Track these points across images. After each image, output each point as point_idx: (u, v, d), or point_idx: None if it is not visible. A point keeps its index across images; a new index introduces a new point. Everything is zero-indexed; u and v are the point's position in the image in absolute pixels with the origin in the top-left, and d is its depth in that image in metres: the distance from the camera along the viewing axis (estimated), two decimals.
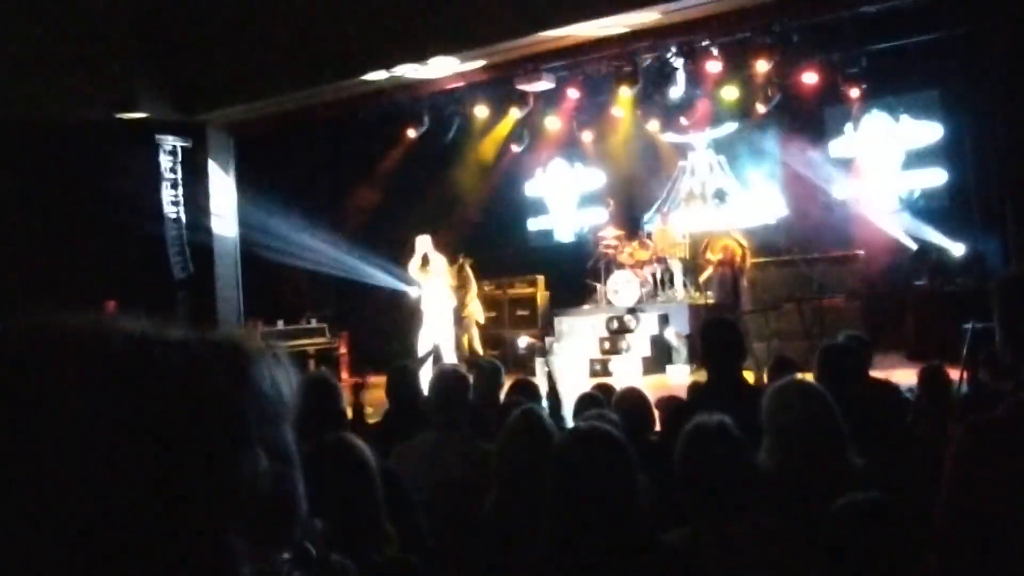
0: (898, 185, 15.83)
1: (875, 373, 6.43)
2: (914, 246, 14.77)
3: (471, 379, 4.87)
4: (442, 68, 12.39)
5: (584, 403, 5.67)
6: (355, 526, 2.59)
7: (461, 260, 14.09)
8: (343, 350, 16.27)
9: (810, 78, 14.20)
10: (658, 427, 5.39)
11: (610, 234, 16.00)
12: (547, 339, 15.27)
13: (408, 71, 12.42)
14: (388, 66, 12.36)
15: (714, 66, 13.63)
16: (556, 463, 2.55)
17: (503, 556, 2.95)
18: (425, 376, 6.51)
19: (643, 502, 2.50)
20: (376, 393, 6.10)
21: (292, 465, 0.95)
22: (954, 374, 6.46)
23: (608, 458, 2.47)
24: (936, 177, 15.50)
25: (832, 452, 3.32)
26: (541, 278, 17.05)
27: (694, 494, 2.86)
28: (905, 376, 7.93)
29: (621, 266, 15.68)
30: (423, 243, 13.18)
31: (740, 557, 2.70)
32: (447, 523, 3.71)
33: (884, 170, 15.86)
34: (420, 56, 11.94)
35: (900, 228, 15.21)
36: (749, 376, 9.49)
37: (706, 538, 2.76)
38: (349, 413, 6.12)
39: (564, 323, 15.54)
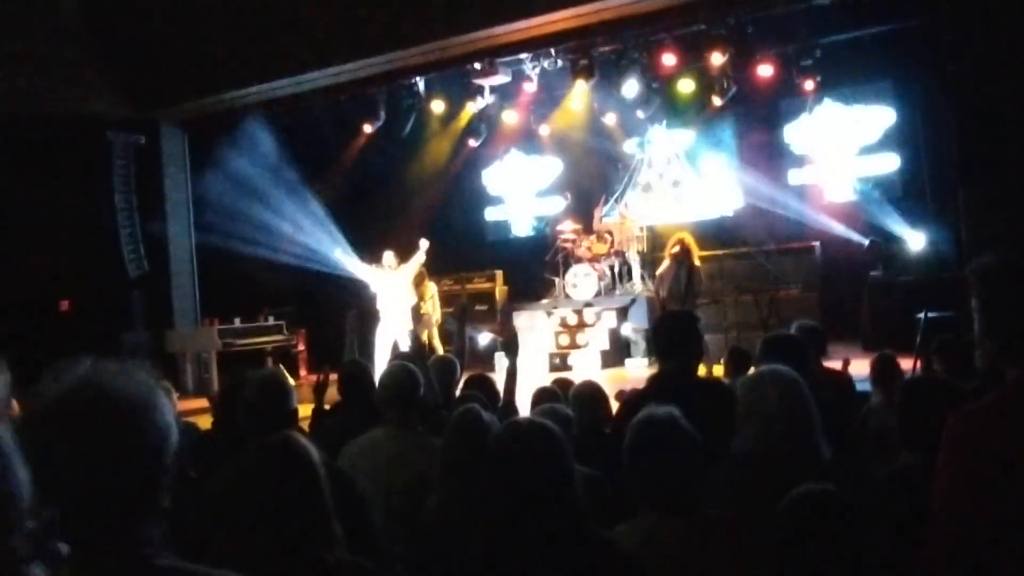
0: (852, 172, 15.95)
1: (831, 363, 6.47)
2: (867, 239, 14.88)
3: (424, 375, 4.83)
4: (397, 62, 12.34)
5: (540, 397, 5.66)
6: (302, 527, 2.55)
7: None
8: (301, 347, 16.17)
9: (765, 71, 14.29)
10: None
11: (568, 228, 16.00)
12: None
13: (362, 66, 12.35)
14: (343, 61, 12.29)
15: (669, 59, 13.66)
16: (491, 457, 2.53)
17: (447, 556, 2.93)
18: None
19: (580, 496, 2.48)
20: (332, 391, 6.04)
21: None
22: (908, 364, 6.51)
23: (542, 452, 2.45)
24: (889, 163, 15.64)
25: (806, 443, 3.32)
26: (500, 272, 17.03)
27: (642, 486, 2.83)
28: (861, 366, 7.97)
29: (579, 260, 15.68)
30: (388, 259, 13.08)
31: (688, 550, 2.69)
32: (399, 522, 3.68)
33: (838, 157, 15.98)
34: (374, 51, 11.88)
35: (855, 219, 15.33)
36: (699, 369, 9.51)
37: (654, 530, 2.74)
38: (308, 411, 6.06)
39: (523, 317, 15.53)
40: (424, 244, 13.00)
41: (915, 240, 14.60)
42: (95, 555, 1.61)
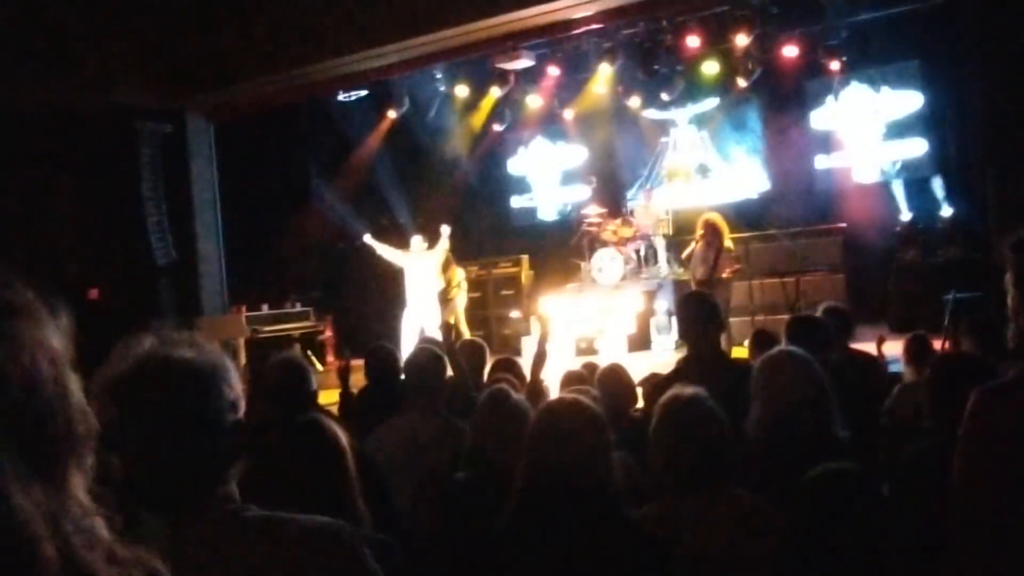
0: (879, 156, 15.81)
1: (858, 345, 6.45)
2: (902, 215, 14.78)
3: (450, 359, 4.85)
4: (422, 48, 12.31)
5: (568, 380, 5.67)
6: (328, 506, 2.57)
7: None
8: (328, 333, 16.23)
9: (790, 51, 14.20)
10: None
11: (593, 212, 15.95)
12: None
13: (389, 52, 12.33)
14: (369, 47, 12.27)
15: (694, 41, 13.59)
16: (532, 432, 2.53)
17: (474, 532, 2.94)
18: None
19: (616, 477, 2.48)
20: (358, 376, 6.06)
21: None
22: (936, 345, 6.47)
23: (584, 430, 2.46)
24: (917, 147, 15.48)
25: (818, 423, 3.31)
26: (525, 257, 17.00)
27: (668, 465, 2.83)
28: (888, 348, 7.93)
29: (605, 244, 15.62)
30: (416, 243, 13.14)
31: (714, 530, 2.68)
32: (424, 504, 3.69)
33: (865, 141, 15.84)
34: (400, 36, 11.85)
35: (882, 200, 15.22)
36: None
37: (680, 511, 2.74)
38: (333, 397, 6.09)
39: (549, 302, 15.49)
40: (446, 230, 13.02)
41: (943, 220, 14.47)
42: (187, 516, 1.67)
